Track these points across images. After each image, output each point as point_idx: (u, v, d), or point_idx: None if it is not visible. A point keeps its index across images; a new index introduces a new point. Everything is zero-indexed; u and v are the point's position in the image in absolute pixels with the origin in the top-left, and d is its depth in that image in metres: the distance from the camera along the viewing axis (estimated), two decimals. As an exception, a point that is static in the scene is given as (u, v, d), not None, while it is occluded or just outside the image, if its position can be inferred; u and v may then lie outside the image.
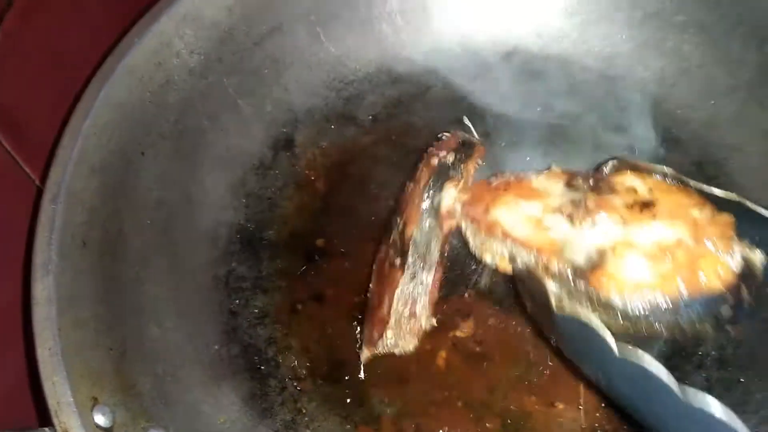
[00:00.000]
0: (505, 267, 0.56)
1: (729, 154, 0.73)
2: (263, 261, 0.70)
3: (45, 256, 0.54)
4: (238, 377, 0.64)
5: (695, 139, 0.74)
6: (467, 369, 0.64)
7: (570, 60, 0.80)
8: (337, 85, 0.80)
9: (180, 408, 0.58)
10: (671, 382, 0.42)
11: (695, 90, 0.75)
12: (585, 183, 0.56)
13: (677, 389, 0.42)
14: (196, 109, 0.70)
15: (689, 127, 0.75)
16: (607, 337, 0.46)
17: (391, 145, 0.77)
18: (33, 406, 0.64)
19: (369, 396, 0.63)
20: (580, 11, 0.79)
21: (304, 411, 0.63)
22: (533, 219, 0.54)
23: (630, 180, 0.55)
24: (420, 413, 0.62)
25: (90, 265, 0.57)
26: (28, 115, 0.66)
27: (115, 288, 0.59)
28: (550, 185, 0.56)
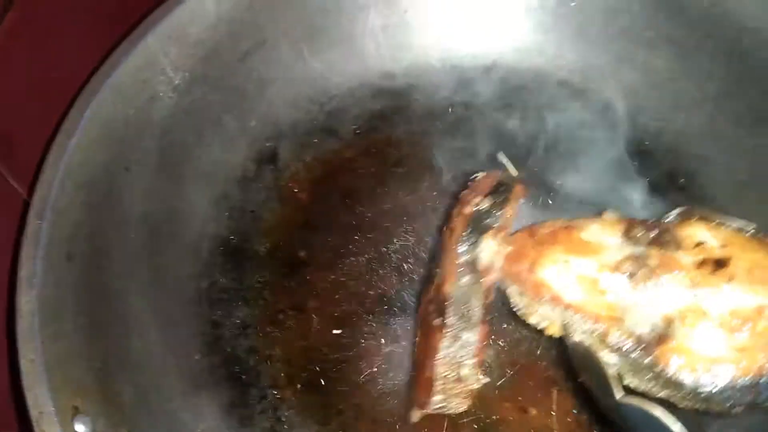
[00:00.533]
0: (554, 333, 0.51)
1: (699, 165, 0.74)
2: (246, 273, 0.71)
3: (30, 269, 0.55)
4: (218, 386, 0.64)
5: (667, 151, 0.76)
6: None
7: (547, 73, 0.81)
8: (321, 99, 0.81)
9: (160, 417, 0.59)
10: None
11: (666, 103, 0.77)
12: (646, 235, 0.49)
13: None
14: (180, 125, 0.71)
15: (661, 139, 0.77)
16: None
17: (373, 158, 0.79)
18: (14, 413, 0.65)
19: (347, 403, 0.64)
20: (555, 28, 0.81)
21: (283, 419, 0.64)
22: (587, 279, 0.48)
23: (699, 232, 0.48)
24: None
25: (74, 279, 0.58)
26: (15, 131, 0.67)
27: (99, 300, 0.60)
28: (605, 237, 0.50)
